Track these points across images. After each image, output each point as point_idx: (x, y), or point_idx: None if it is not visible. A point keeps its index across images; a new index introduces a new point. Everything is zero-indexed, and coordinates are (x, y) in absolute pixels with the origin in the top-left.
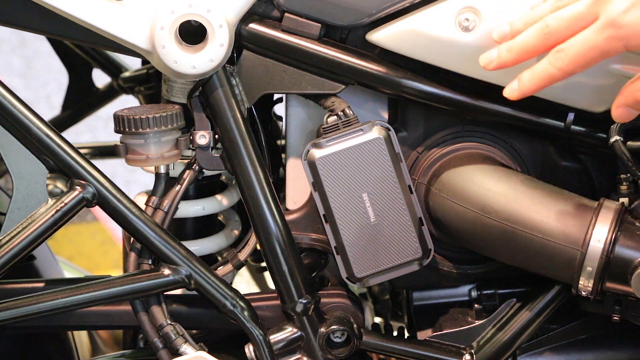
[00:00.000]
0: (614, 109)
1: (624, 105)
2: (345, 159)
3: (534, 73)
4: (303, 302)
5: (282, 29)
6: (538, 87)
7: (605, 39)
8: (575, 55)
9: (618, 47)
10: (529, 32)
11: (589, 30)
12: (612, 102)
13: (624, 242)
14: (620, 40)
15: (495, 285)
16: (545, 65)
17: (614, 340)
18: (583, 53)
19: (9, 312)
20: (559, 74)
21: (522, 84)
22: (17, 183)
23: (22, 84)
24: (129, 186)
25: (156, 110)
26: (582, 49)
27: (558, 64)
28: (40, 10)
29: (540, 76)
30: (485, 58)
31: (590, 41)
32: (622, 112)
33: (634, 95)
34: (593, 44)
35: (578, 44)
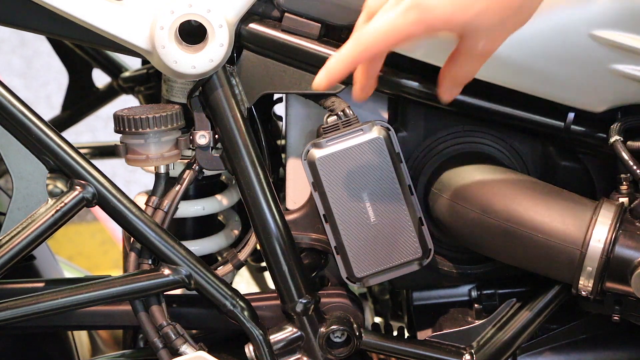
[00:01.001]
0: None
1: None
2: (345, 159)
3: (339, 55)
4: (303, 302)
5: (282, 29)
6: (342, 71)
7: (410, 21)
8: (378, 36)
9: (421, 30)
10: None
11: (395, 11)
12: (612, 102)
13: (624, 242)
14: (423, 23)
15: (495, 285)
16: (350, 46)
17: (614, 340)
18: (387, 33)
19: (9, 312)
20: (362, 54)
21: (329, 68)
22: (17, 183)
23: (22, 84)
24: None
25: (156, 110)
26: (386, 29)
27: (361, 43)
28: (40, 10)
29: (345, 57)
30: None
31: (394, 23)
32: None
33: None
34: (397, 26)
35: (383, 24)
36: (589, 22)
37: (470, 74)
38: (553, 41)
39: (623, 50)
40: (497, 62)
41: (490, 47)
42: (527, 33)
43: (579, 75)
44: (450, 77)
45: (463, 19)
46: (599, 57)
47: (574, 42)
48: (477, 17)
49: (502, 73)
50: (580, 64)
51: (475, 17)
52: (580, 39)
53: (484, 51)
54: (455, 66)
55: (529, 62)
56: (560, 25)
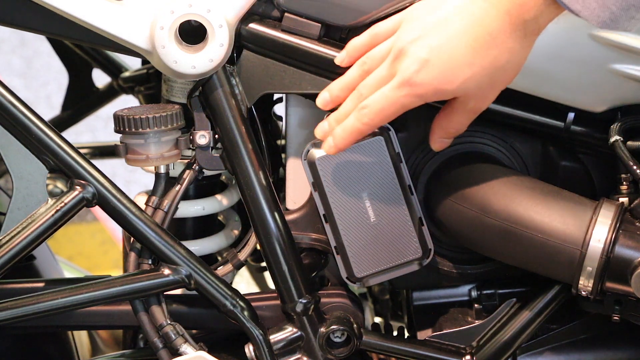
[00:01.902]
0: (433, 144)
1: (441, 138)
2: (345, 158)
3: (344, 128)
4: (303, 302)
5: (282, 29)
6: (350, 141)
7: (403, 96)
8: (378, 111)
9: (416, 102)
10: (348, 102)
11: (389, 88)
12: (612, 102)
13: (624, 242)
14: (416, 96)
15: (495, 285)
16: (353, 121)
17: (614, 340)
18: (385, 109)
19: (9, 312)
20: (365, 128)
21: (336, 139)
22: (17, 183)
23: (22, 84)
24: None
25: (156, 110)
26: (383, 105)
27: (364, 119)
28: (40, 10)
29: (350, 131)
30: (320, 130)
31: (390, 98)
32: (442, 144)
33: (446, 131)
34: (393, 101)
35: (380, 100)
36: None
37: (462, 127)
38: (553, 41)
39: (623, 50)
40: None
41: (481, 104)
42: None
43: (579, 75)
44: (442, 129)
45: (451, 88)
46: (599, 57)
47: (574, 42)
48: (464, 84)
49: None
50: (580, 64)
51: (462, 85)
52: (580, 39)
53: (477, 109)
54: (447, 120)
55: (530, 62)
56: (561, 25)
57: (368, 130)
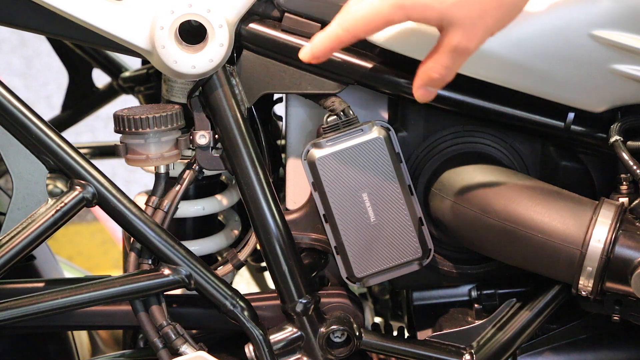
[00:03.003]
0: (415, 91)
1: (422, 86)
2: (345, 158)
3: (324, 34)
4: (303, 302)
5: (282, 29)
6: (328, 49)
7: (389, 5)
8: (361, 19)
9: (400, 16)
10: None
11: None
12: (612, 102)
13: (624, 242)
14: (402, 9)
15: (495, 285)
16: (334, 27)
17: (614, 340)
18: (367, 17)
19: (9, 312)
20: (344, 35)
21: (314, 45)
22: (17, 183)
23: (22, 84)
24: (129, 186)
25: (156, 110)
26: (366, 13)
27: (344, 24)
28: (40, 10)
29: (329, 37)
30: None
31: (375, 6)
32: (423, 93)
33: (429, 75)
34: (378, 9)
35: (364, 7)
36: (589, 22)
37: (446, 73)
38: (553, 41)
39: (623, 50)
40: (497, 62)
41: (468, 43)
42: (527, 33)
43: (579, 75)
44: (425, 74)
45: (440, 8)
46: (599, 57)
47: (574, 42)
48: (455, 8)
49: (502, 73)
50: (580, 64)
51: (452, 7)
52: (580, 39)
53: (461, 47)
54: (431, 60)
55: (529, 62)
56: (560, 25)
57: (348, 39)
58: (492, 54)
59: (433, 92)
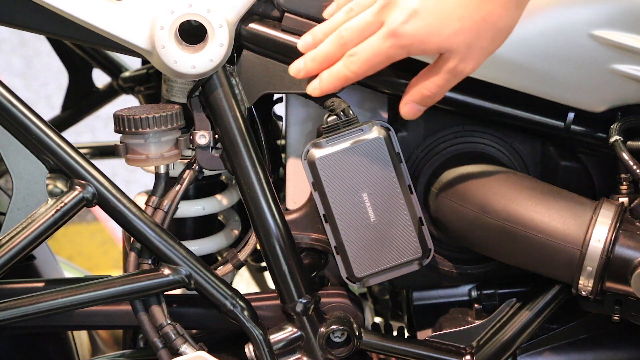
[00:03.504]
0: (402, 106)
1: (411, 102)
2: (345, 158)
3: (331, 73)
4: (303, 302)
5: (282, 29)
6: (336, 87)
7: (388, 47)
8: (364, 60)
9: (401, 54)
10: (327, 42)
11: (375, 38)
12: (612, 102)
13: (623, 242)
14: (401, 48)
15: (495, 285)
16: (340, 68)
17: (614, 340)
18: (371, 58)
19: (9, 312)
20: (352, 75)
21: (322, 82)
22: (17, 183)
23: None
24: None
25: (156, 110)
26: (369, 55)
27: (351, 67)
28: (40, 10)
29: (336, 77)
30: (294, 68)
31: (376, 48)
32: (411, 109)
33: (419, 92)
34: (378, 51)
35: (366, 49)
36: (589, 22)
37: (437, 92)
38: (553, 41)
39: (623, 50)
40: (497, 62)
41: (465, 67)
42: (527, 33)
43: (579, 75)
44: (416, 91)
45: (437, 41)
46: (599, 57)
47: (574, 42)
48: (451, 39)
49: (502, 73)
50: (580, 64)
51: (449, 39)
52: (580, 39)
53: (458, 71)
54: (424, 80)
55: (529, 62)
56: (560, 25)
57: (354, 78)
58: (492, 54)
59: (420, 110)
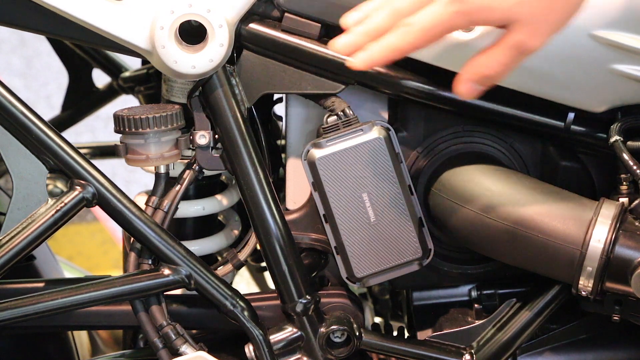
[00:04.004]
0: (458, 84)
1: (468, 81)
2: (345, 159)
3: (382, 45)
4: (303, 302)
5: (282, 29)
6: (386, 60)
7: (450, 13)
8: (421, 30)
9: (463, 22)
10: (380, 15)
11: (436, 5)
12: (612, 102)
13: (624, 242)
14: (464, 15)
15: (495, 285)
16: (393, 39)
17: (614, 340)
18: (429, 27)
19: (9, 312)
20: (405, 47)
21: (371, 54)
22: (17, 183)
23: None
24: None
25: (156, 110)
26: (428, 23)
27: (406, 37)
28: (40, 10)
29: (389, 48)
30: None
31: (436, 16)
32: (467, 89)
33: (479, 70)
34: (439, 19)
35: (425, 18)
36: (589, 22)
37: (499, 70)
38: (553, 41)
39: (623, 50)
40: None
41: (531, 42)
42: None
43: (579, 75)
44: (475, 68)
45: (503, 8)
46: (599, 57)
47: (574, 42)
48: (519, 7)
49: None
50: (580, 64)
51: (516, 6)
52: (580, 39)
53: (524, 46)
54: (486, 55)
55: (529, 62)
56: None
57: (408, 50)
58: None
59: (477, 90)
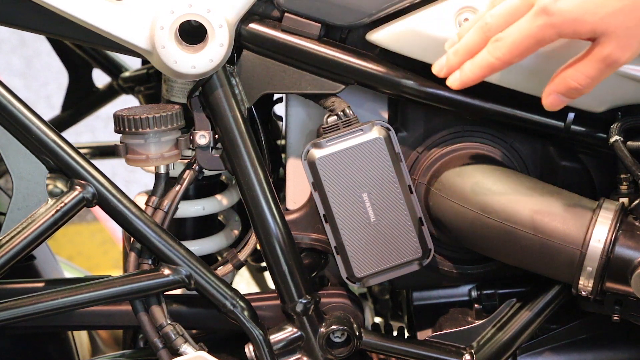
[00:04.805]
0: (545, 97)
1: (555, 93)
2: (345, 159)
3: (474, 63)
4: (303, 302)
5: (282, 29)
6: (479, 77)
7: (538, 26)
8: (511, 45)
9: (552, 34)
10: (471, 32)
11: (524, 19)
12: (612, 102)
13: (624, 242)
14: (553, 27)
15: (495, 285)
16: (485, 55)
17: (614, 340)
18: (519, 42)
19: (9, 312)
20: (497, 63)
21: (464, 73)
22: (17, 183)
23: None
24: (129, 186)
25: (156, 110)
26: (517, 38)
27: (496, 53)
28: (40, 10)
29: (480, 66)
30: (437, 65)
31: (524, 30)
32: (554, 100)
33: (566, 82)
34: (528, 33)
35: (514, 33)
36: None
37: (587, 83)
38: None
39: None
40: None
41: (620, 55)
42: None
43: None
44: (563, 80)
45: (593, 20)
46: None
47: (574, 42)
48: (608, 19)
49: (502, 73)
50: None
51: (606, 19)
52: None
53: (612, 59)
54: (574, 68)
55: (529, 62)
56: None
57: (499, 66)
58: None
59: (564, 101)
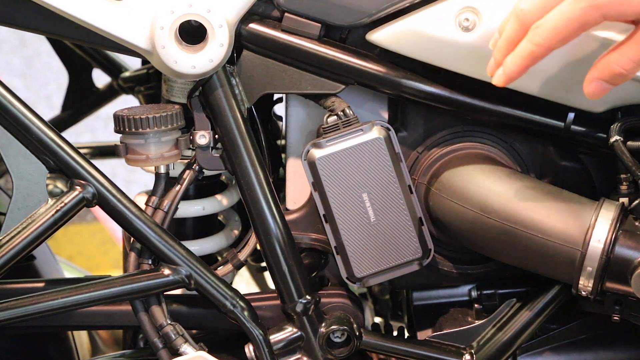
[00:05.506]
0: (587, 84)
1: (598, 80)
2: (345, 159)
3: (516, 54)
4: (303, 302)
5: (282, 29)
6: (522, 68)
7: (582, 8)
8: (553, 29)
9: (596, 17)
10: (509, 24)
11: (565, 2)
12: (612, 102)
13: (624, 242)
14: (597, 9)
15: (495, 285)
16: (526, 44)
17: (614, 340)
18: (562, 26)
19: (9, 312)
20: (539, 50)
21: (507, 67)
22: (17, 183)
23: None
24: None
25: (156, 110)
26: (559, 22)
27: (536, 39)
28: (40, 10)
29: (521, 56)
30: (488, 68)
31: (567, 13)
32: (596, 87)
33: (610, 68)
34: (570, 16)
35: (555, 17)
36: None
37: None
38: None
39: None
40: None
41: None
42: None
43: (579, 75)
44: (606, 66)
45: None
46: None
47: (573, 42)
48: None
49: None
50: (580, 64)
51: None
52: (580, 38)
53: None
54: (618, 53)
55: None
56: None
57: (542, 53)
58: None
59: (607, 89)
